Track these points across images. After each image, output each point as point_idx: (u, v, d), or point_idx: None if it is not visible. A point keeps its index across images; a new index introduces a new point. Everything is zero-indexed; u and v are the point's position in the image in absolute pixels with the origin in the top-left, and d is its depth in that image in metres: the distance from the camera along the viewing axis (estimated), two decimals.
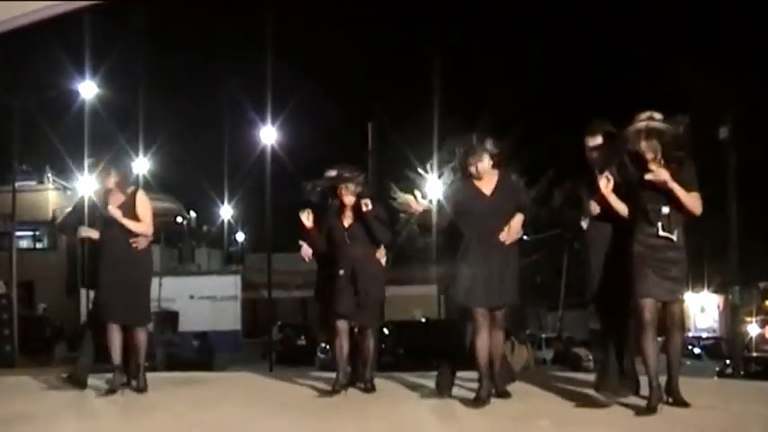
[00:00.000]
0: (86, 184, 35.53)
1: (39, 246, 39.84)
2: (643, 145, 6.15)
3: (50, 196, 39.61)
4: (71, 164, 35.42)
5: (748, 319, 31.13)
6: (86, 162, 32.81)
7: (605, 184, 6.28)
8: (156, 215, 7.80)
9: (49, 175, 39.12)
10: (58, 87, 32.71)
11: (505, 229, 6.55)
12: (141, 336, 7.46)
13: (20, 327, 26.61)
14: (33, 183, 38.41)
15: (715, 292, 33.71)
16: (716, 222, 29.05)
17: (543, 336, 34.21)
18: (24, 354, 25.31)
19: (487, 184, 6.69)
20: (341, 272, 7.28)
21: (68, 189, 38.97)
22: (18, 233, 33.24)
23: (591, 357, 28.68)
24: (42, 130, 33.59)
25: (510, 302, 6.71)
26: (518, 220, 6.63)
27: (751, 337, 31.01)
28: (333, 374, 7.29)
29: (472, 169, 6.62)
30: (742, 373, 24.51)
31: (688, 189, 6.24)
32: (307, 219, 7.40)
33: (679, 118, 6.20)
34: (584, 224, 6.56)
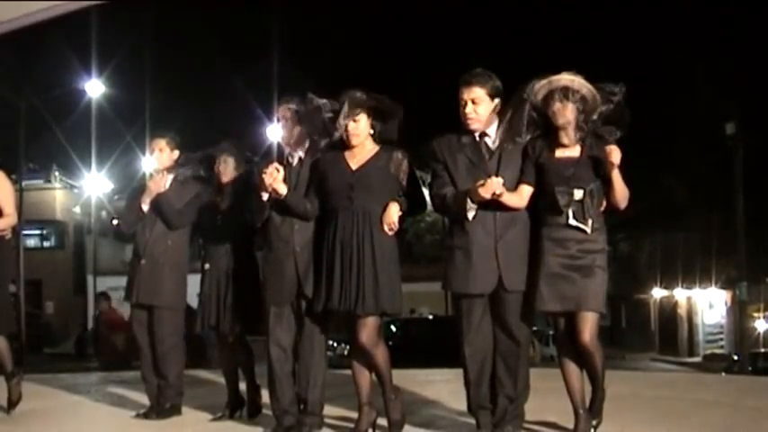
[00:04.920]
0: (93, 183, 35.57)
1: (46, 244, 39.90)
2: (557, 107, 4.88)
3: (57, 195, 39.69)
4: (78, 162, 35.56)
5: (756, 314, 31.07)
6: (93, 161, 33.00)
7: (488, 189, 4.88)
8: None
9: (56, 173, 39.18)
10: (65, 86, 32.79)
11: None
12: None
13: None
14: (40, 181, 38.46)
15: (722, 288, 33.64)
16: (723, 217, 29.04)
17: (551, 332, 34.16)
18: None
19: (358, 155, 5.30)
20: None
21: (75, 187, 39.09)
22: (25, 232, 33.30)
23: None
24: (49, 128, 33.69)
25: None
26: (394, 207, 5.16)
27: (759, 333, 30.98)
28: (341, 372, 7.18)
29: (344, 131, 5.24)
30: (750, 368, 24.48)
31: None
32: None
33: (612, 87, 4.93)
34: (471, 214, 5.02)
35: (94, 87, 32.21)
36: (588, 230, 4.89)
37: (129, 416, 6.47)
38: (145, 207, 6.40)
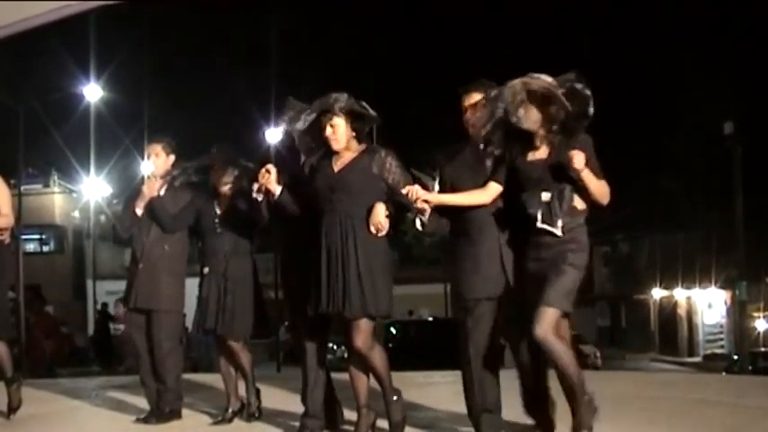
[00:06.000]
0: (92, 187, 35.46)
1: (45, 249, 39.84)
2: (520, 113, 4.81)
3: (56, 199, 39.64)
4: (77, 166, 35.55)
5: (756, 314, 31.07)
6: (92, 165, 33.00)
7: (411, 196, 4.96)
8: None
9: (55, 177, 39.15)
10: (64, 90, 32.77)
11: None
12: None
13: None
14: (39, 186, 38.41)
15: (722, 287, 33.64)
16: (722, 217, 29.04)
17: None
18: None
19: (343, 157, 5.29)
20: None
21: (74, 192, 39.05)
22: (24, 236, 33.27)
23: (598, 355, 28.69)
24: (48, 133, 33.65)
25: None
26: (380, 207, 5.14)
27: (758, 332, 30.98)
28: (342, 374, 7.15)
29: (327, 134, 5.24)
30: (750, 368, 24.47)
31: (594, 173, 4.79)
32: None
33: (568, 76, 4.79)
34: (417, 223, 5.11)
35: (93, 91, 32.21)
36: (557, 232, 4.79)
37: (129, 420, 6.46)
38: (138, 211, 6.41)
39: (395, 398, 5.31)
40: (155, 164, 6.47)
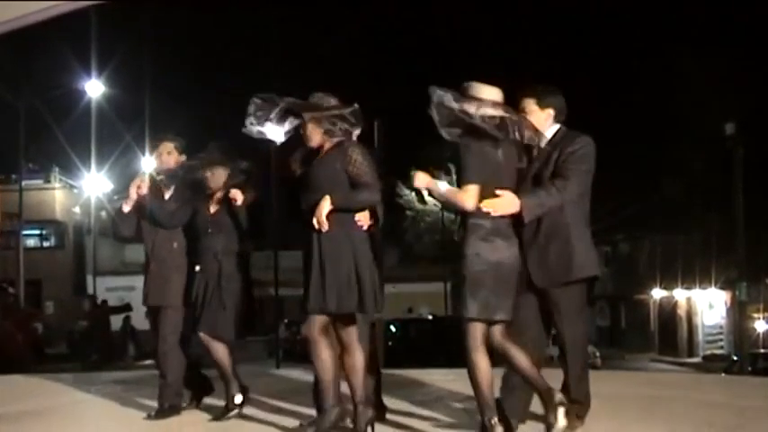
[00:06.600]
0: (93, 183, 35.51)
1: (46, 244, 39.91)
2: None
3: (57, 195, 39.69)
4: (78, 162, 35.59)
5: (755, 315, 31.07)
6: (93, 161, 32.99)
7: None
8: None
9: (56, 173, 39.19)
10: (65, 86, 32.84)
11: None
12: None
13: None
14: (40, 181, 38.51)
15: (722, 288, 33.64)
16: (722, 218, 29.04)
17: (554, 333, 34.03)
18: None
19: (322, 155, 5.34)
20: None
21: (75, 188, 39.09)
22: (25, 232, 33.30)
23: (597, 355, 28.70)
24: (49, 128, 33.72)
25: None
26: (324, 202, 5.09)
27: (758, 333, 30.99)
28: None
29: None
30: (749, 369, 24.48)
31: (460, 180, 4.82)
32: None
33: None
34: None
35: (94, 87, 32.26)
36: (455, 238, 4.90)
37: (130, 415, 6.48)
38: (126, 208, 6.44)
39: (361, 407, 5.15)
40: (165, 162, 6.49)
